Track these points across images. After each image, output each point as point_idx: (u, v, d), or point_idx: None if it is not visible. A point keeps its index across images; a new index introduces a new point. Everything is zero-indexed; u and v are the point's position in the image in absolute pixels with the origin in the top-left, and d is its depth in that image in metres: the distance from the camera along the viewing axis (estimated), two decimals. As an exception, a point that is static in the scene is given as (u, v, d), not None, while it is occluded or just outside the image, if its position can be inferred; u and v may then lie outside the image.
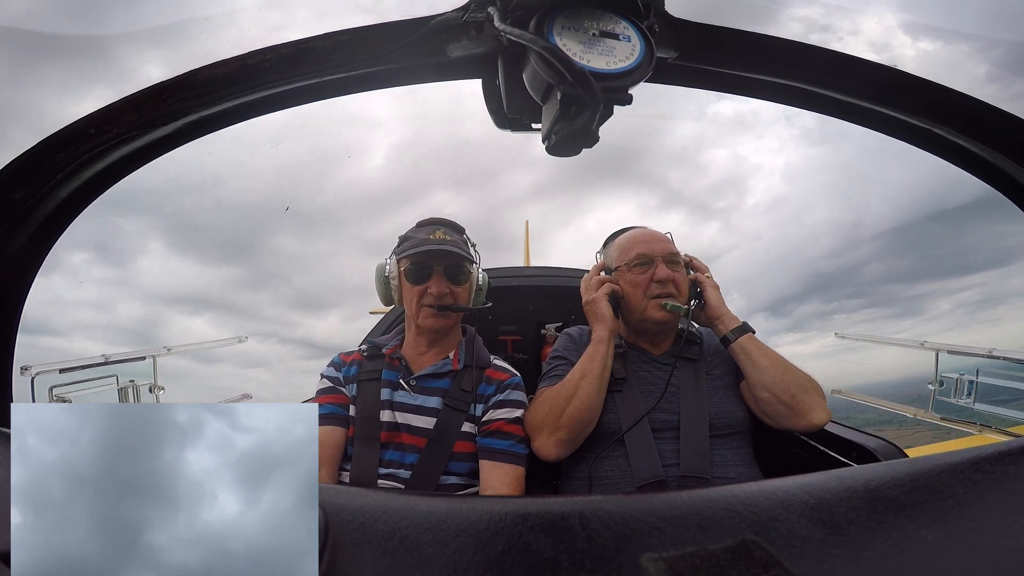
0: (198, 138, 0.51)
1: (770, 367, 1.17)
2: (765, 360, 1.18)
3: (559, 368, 1.30)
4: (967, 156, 0.53)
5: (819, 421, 1.15)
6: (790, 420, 1.16)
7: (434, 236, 1.25)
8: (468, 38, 0.44)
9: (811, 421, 1.14)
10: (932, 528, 0.30)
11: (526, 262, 6.50)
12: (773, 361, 1.18)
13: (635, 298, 1.28)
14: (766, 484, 0.35)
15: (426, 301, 1.22)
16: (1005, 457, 0.36)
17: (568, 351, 1.34)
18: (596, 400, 1.16)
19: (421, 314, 1.23)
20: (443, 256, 1.23)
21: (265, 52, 0.43)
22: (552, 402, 1.17)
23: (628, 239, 1.35)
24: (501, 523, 0.32)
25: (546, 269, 2.09)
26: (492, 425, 1.19)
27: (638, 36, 0.41)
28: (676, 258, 1.29)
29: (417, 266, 1.23)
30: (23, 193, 0.45)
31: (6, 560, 0.28)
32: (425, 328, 1.25)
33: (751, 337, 1.22)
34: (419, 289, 1.23)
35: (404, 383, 1.22)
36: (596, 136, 0.40)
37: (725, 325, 1.24)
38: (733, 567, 0.26)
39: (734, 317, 1.25)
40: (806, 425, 1.15)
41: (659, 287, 1.25)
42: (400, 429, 1.18)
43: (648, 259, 1.28)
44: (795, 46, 0.46)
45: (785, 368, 1.18)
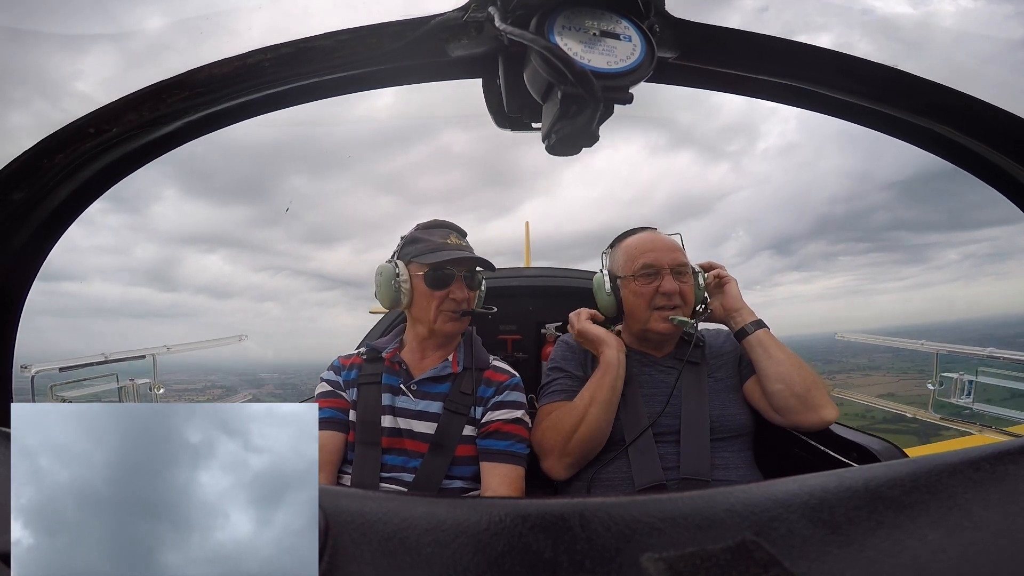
0: (198, 137, 0.51)
1: (785, 360, 1.18)
2: (781, 353, 1.19)
3: (558, 383, 1.30)
4: (967, 156, 0.53)
5: (829, 417, 1.16)
6: (800, 414, 1.16)
7: (451, 241, 1.25)
8: (469, 38, 0.43)
9: (822, 416, 1.16)
10: (932, 528, 0.30)
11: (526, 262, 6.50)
12: (788, 355, 1.20)
13: (639, 308, 1.27)
14: (766, 484, 0.35)
15: (447, 307, 1.21)
16: (1005, 457, 0.36)
17: (566, 361, 1.34)
18: (605, 426, 1.17)
19: (440, 319, 1.21)
20: (466, 262, 1.23)
21: (265, 52, 0.43)
22: (560, 427, 1.17)
23: (634, 246, 1.32)
24: (501, 524, 0.32)
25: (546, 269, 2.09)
26: (491, 426, 1.19)
27: (639, 36, 0.41)
28: (684, 268, 1.27)
29: (438, 271, 1.20)
30: (23, 193, 0.45)
31: (6, 560, 0.28)
32: (443, 333, 1.24)
33: (767, 331, 1.23)
34: (440, 294, 1.21)
35: (405, 388, 1.22)
36: (596, 135, 0.40)
37: (743, 318, 1.25)
38: (733, 567, 0.26)
39: (752, 312, 1.26)
40: (816, 420, 1.16)
41: (664, 299, 1.24)
42: (403, 435, 1.18)
43: (655, 270, 1.26)
44: (795, 46, 0.46)
45: (799, 364, 1.19)
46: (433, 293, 1.21)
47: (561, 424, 1.17)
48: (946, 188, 13.93)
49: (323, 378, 1.29)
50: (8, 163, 0.44)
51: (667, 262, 1.25)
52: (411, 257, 1.23)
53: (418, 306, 1.23)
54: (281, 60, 0.43)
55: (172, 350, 3.97)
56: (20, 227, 0.47)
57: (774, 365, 1.19)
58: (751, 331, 1.23)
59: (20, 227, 0.47)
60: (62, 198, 0.48)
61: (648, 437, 1.18)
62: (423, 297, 1.22)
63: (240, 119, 0.49)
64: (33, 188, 0.45)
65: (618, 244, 1.39)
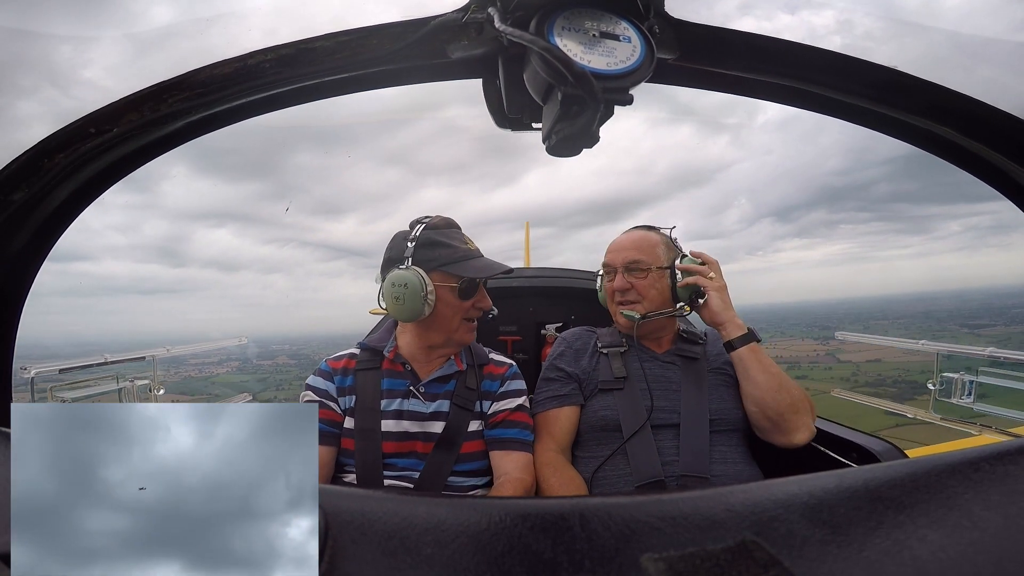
0: (198, 137, 0.51)
1: (764, 383, 1.17)
2: (762, 376, 1.18)
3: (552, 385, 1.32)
4: (967, 156, 0.53)
5: (799, 441, 1.18)
6: (771, 435, 1.19)
7: (470, 246, 1.20)
8: (468, 39, 0.44)
9: (792, 440, 1.18)
10: (932, 528, 0.30)
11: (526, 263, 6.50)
12: (769, 377, 1.18)
13: (610, 304, 1.37)
14: (766, 484, 0.35)
15: (470, 315, 1.19)
16: (1005, 457, 0.36)
17: (564, 359, 1.36)
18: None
19: (462, 328, 1.19)
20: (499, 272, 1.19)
21: (265, 52, 0.43)
22: (547, 487, 1.17)
23: (609, 246, 1.40)
24: (501, 523, 0.32)
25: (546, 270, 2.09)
26: (498, 416, 1.20)
27: (638, 37, 0.41)
28: (637, 265, 1.30)
29: (470, 281, 1.17)
30: (23, 193, 0.45)
31: (6, 560, 0.28)
32: (462, 342, 1.21)
33: (753, 348, 1.21)
34: (467, 304, 1.18)
35: (415, 391, 1.20)
36: (597, 136, 0.40)
37: (728, 332, 1.23)
38: (733, 567, 0.26)
39: (739, 324, 1.23)
40: (785, 443, 1.18)
41: (620, 295, 1.31)
42: (416, 438, 1.16)
43: (611, 268, 1.35)
44: (795, 46, 0.46)
45: (779, 386, 1.17)
46: (462, 304, 1.17)
47: (547, 484, 1.18)
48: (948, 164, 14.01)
49: (309, 385, 1.22)
50: (8, 163, 0.44)
51: (620, 261, 1.32)
52: (437, 265, 1.14)
53: (441, 316, 1.16)
54: (282, 61, 0.43)
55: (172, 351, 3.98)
56: (20, 227, 0.47)
57: (751, 387, 1.19)
58: (736, 347, 1.23)
59: (20, 227, 0.47)
60: (62, 198, 0.49)
61: (647, 431, 1.19)
62: (448, 307, 1.16)
63: (240, 119, 0.49)
64: (33, 188, 0.45)
65: None
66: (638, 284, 1.29)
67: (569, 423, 1.27)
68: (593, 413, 1.26)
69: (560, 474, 1.18)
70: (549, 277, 1.99)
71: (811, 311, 45.00)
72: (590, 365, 1.33)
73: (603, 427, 1.23)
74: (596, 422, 1.24)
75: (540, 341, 1.90)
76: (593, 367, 1.32)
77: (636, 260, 1.31)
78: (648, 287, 1.29)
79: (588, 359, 1.34)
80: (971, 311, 13.77)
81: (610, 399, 1.25)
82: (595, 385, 1.29)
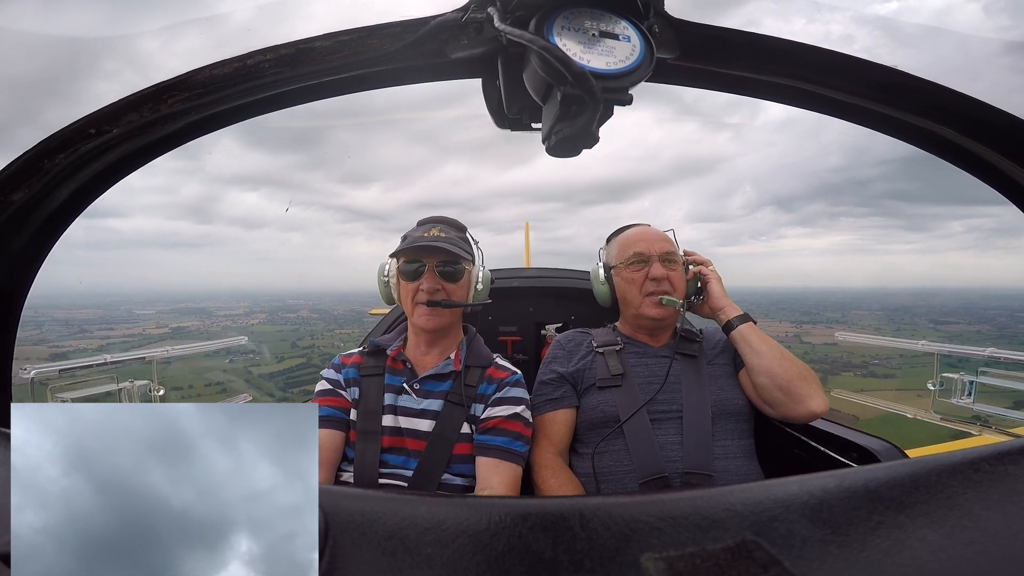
0: (198, 138, 0.51)
1: (768, 353, 1.22)
2: (764, 346, 1.23)
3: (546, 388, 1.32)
4: (967, 156, 0.53)
5: (817, 408, 1.17)
6: (787, 407, 1.19)
7: (429, 234, 1.25)
8: (468, 38, 0.44)
9: (809, 408, 1.17)
10: (932, 528, 0.30)
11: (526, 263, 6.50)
12: (772, 348, 1.23)
13: (631, 295, 1.35)
14: (766, 484, 0.35)
15: (419, 299, 1.22)
16: (1005, 457, 0.36)
17: (559, 361, 1.36)
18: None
19: (415, 312, 1.23)
20: (433, 252, 1.23)
21: (265, 52, 0.43)
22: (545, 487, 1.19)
23: (627, 238, 1.41)
24: (501, 523, 0.32)
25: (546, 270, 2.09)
26: (489, 422, 1.18)
27: (638, 36, 0.41)
28: (672, 257, 1.35)
29: (410, 263, 1.23)
30: (23, 193, 0.45)
31: (6, 560, 0.28)
32: (419, 327, 1.25)
33: (752, 326, 1.28)
34: (412, 286, 1.23)
35: (408, 387, 1.22)
36: (596, 136, 0.40)
37: (727, 314, 1.31)
38: (733, 567, 0.26)
39: (736, 308, 1.31)
40: (803, 412, 1.17)
41: (654, 284, 1.31)
42: (404, 434, 1.18)
43: (644, 258, 1.34)
44: (795, 46, 0.46)
45: (783, 356, 1.22)
46: (407, 285, 1.24)
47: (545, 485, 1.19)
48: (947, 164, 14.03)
49: (323, 376, 1.29)
50: (8, 163, 0.44)
51: (656, 251, 1.34)
52: (396, 252, 1.26)
53: (402, 301, 1.28)
54: (281, 61, 0.43)
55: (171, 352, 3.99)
56: (20, 227, 0.48)
57: (757, 358, 1.22)
58: (736, 325, 1.29)
59: (20, 227, 0.48)
60: (62, 198, 0.49)
61: (646, 424, 1.20)
62: (402, 290, 1.26)
63: (240, 119, 0.49)
64: (33, 188, 0.45)
65: (613, 239, 1.48)
66: (671, 275, 1.32)
67: (565, 426, 1.28)
68: (592, 409, 1.26)
69: (558, 476, 1.19)
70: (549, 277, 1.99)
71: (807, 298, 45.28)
72: (584, 364, 1.34)
73: (603, 423, 1.24)
74: (596, 418, 1.25)
75: (540, 341, 1.90)
76: (588, 365, 1.33)
77: (671, 252, 1.36)
78: (679, 279, 1.34)
79: (581, 358, 1.35)
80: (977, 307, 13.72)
81: (608, 395, 1.26)
82: (590, 383, 1.30)
